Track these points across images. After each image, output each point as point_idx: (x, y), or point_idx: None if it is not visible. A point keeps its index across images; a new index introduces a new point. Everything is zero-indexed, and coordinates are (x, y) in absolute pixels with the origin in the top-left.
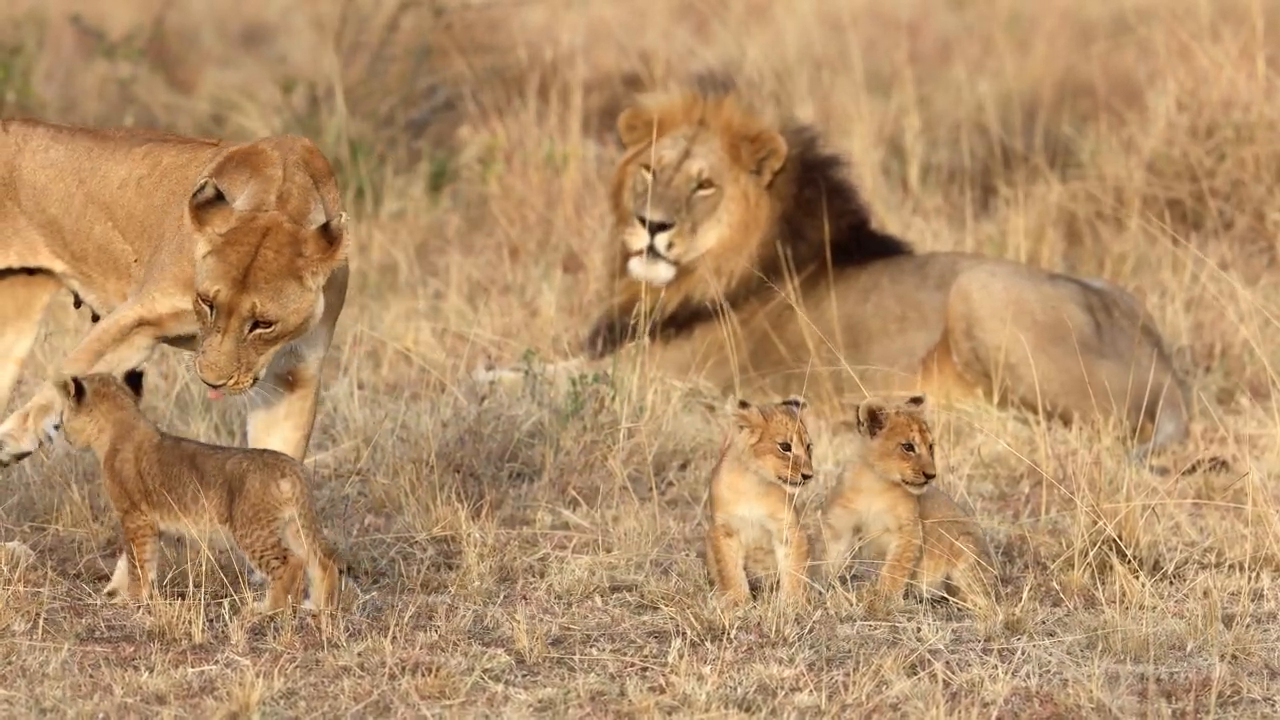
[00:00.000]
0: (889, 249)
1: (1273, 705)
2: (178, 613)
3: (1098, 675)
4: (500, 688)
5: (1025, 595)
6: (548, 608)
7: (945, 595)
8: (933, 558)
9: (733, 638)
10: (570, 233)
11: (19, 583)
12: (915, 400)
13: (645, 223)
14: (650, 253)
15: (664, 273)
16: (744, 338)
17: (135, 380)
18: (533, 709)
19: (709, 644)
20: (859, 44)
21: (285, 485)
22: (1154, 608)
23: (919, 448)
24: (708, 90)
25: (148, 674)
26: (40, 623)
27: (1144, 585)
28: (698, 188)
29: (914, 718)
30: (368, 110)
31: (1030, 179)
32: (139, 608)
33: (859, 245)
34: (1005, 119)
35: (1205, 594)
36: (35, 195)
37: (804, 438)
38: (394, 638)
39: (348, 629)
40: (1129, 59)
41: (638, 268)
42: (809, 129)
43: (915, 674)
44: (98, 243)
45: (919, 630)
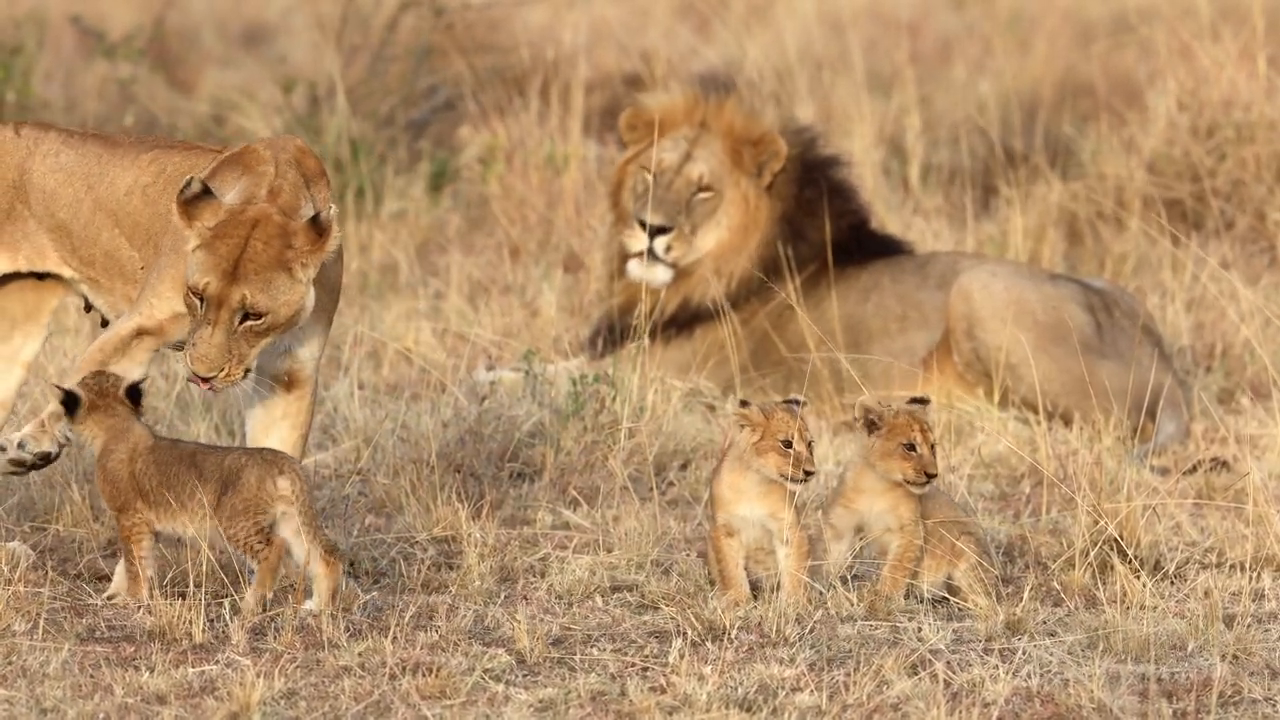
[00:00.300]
0: (890, 249)
1: (1274, 705)
2: (178, 613)
3: (1099, 675)
4: (501, 688)
5: (1026, 595)
6: (548, 608)
7: (946, 595)
8: (934, 558)
9: (733, 638)
10: (571, 233)
11: (19, 583)
12: (919, 400)
13: (644, 225)
14: (649, 255)
15: (662, 275)
16: (744, 337)
17: (134, 392)
18: (533, 709)
19: (710, 644)
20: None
21: (283, 483)
22: (1155, 608)
23: (920, 447)
24: (709, 91)
25: (148, 674)
26: (41, 623)
27: (1145, 585)
28: (697, 191)
29: (915, 718)
30: (368, 110)
31: (1031, 179)
32: (139, 608)
33: (859, 245)
34: (1006, 119)
35: (1206, 594)
36: (45, 200)
37: (805, 435)
38: (394, 638)
39: (348, 629)
40: (1130, 59)
41: (636, 269)
42: (809, 129)
43: (916, 674)
44: (105, 249)
45: (920, 630)
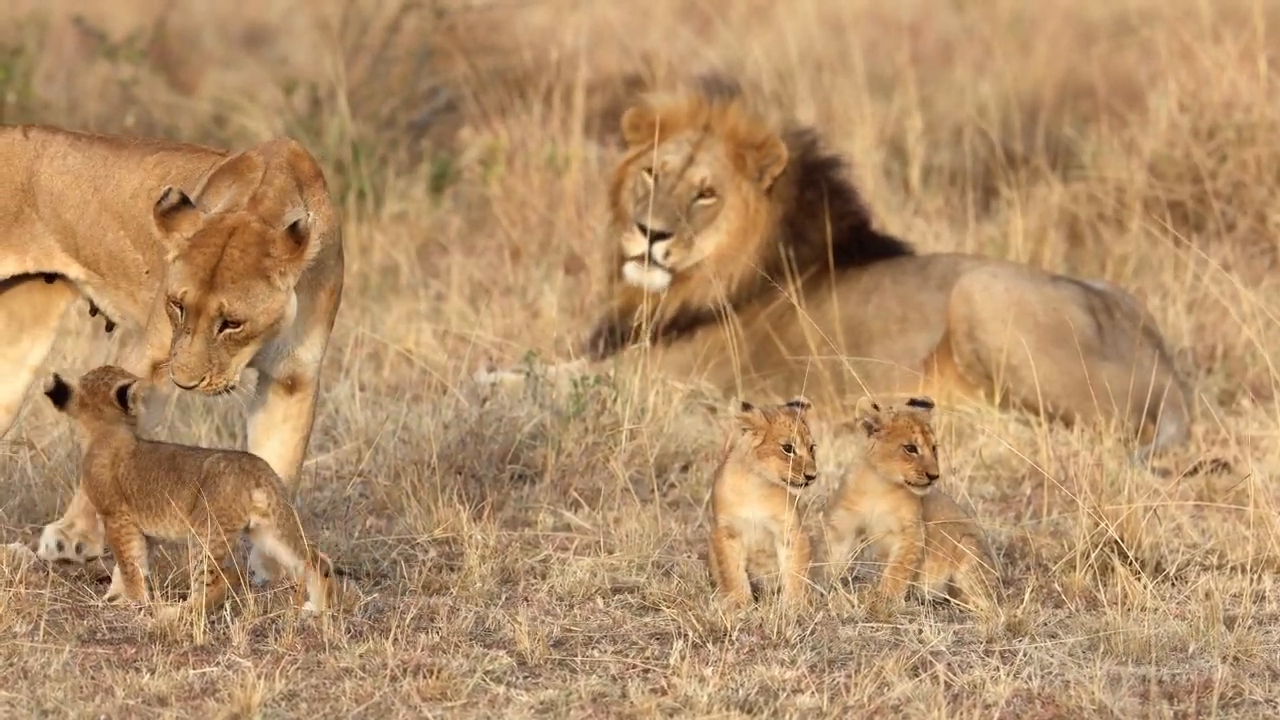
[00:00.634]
0: (890, 250)
1: (1274, 707)
2: (179, 614)
3: (1099, 677)
4: (502, 689)
5: (1027, 597)
6: (549, 609)
7: (947, 597)
8: (936, 559)
9: (734, 639)
10: (572, 234)
11: (21, 584)
12: (922, 403)
13: (644, 230)
14: (647, 260)
15: (660, 280)
16: (745, 339)
17: (122, 394)
18: (534, 711)
19: (711, 646)
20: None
21: (259, 495)
22: (1156, 609)
23: (921, 449)
24: (713, 94)
25: (149, 676)
26: (42, 624)
27: (1146, 587)
28: (699, 196)
29: (915, 719)
30: (369, 112)
31: (1032, 180)
32: (140, 609)
33: (860, 246)
34: (1007, 120)
35: (1207, 596)
36: (52, 202)
37: (807, 439)
38: (395, 639)
39: (349, 631)
40: (1130, 60)
41: (634, 273)
42: (810, 131)
43: (917, 676)
44: (110, 251)
45: (921, 632)
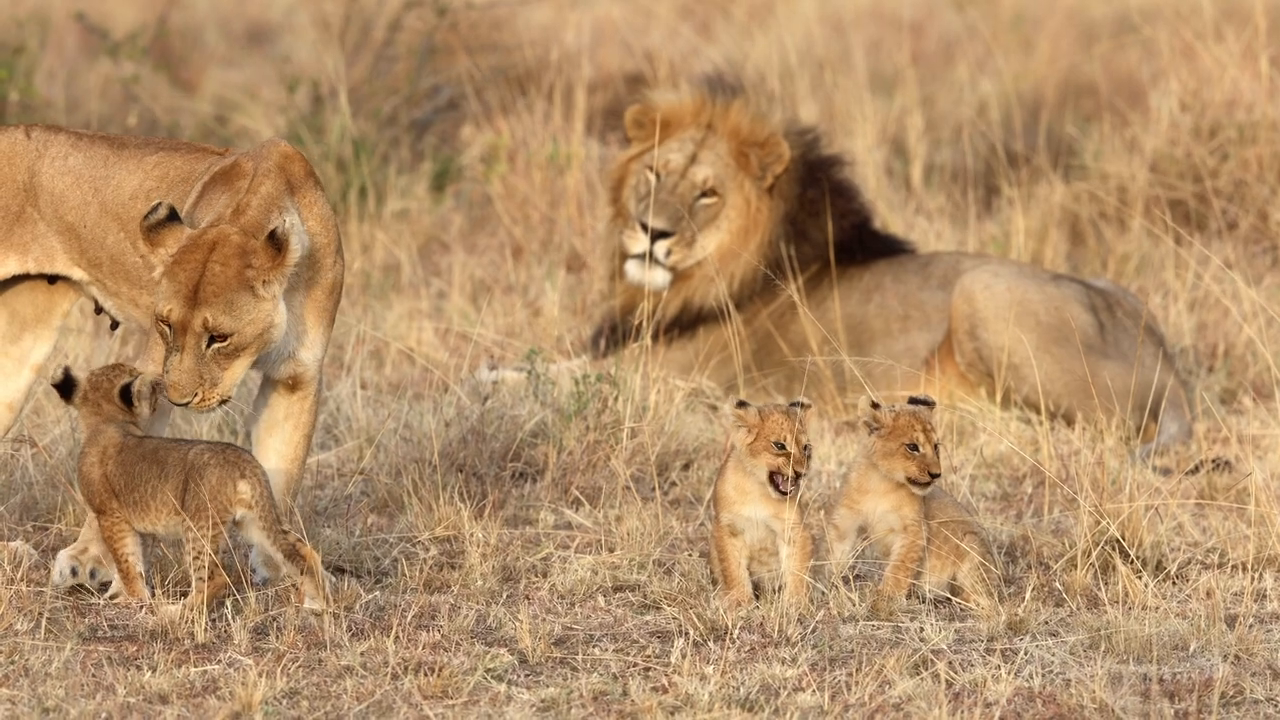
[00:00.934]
0: (892, 249)
1: (1276, 706)
2: (180, 612)
3: (1101, 675)
4: (503, 687)
5: (1028, 595)
6: (550, 607)
7: (948, 595)
8: (939, 558)
9: (735, 638)
10: (573, 232)
11: (22, 582)
12: (924, 402)
13: (646, 228)
14: (649, 259)
15: (660, 279)
16: (747, 338)
17: (125, 393)
18: (535, 709)
19: (712, 644)
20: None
21: (244, 486)
22: (1157, 608)
23: (923, 447)
24: (717, 93)
25: (150, 673)
26: (43, 622)
27: (1147, 585)
28: (701, 195)
29: (917, 718)
30: (371, 109)
31: (1033, 179)
32: (141, 607)
33: (862, 245)
34: (1008, 119)
35: (1208, 594)
36: (54, 202)
37: (800, 438)
38: (397, 637)
39: (350, 629)
40: (1132, 59)
41: (635, 271)
42: (812, 129)
43: (918, 674)
44: (111, 252)
45: (922, 630)
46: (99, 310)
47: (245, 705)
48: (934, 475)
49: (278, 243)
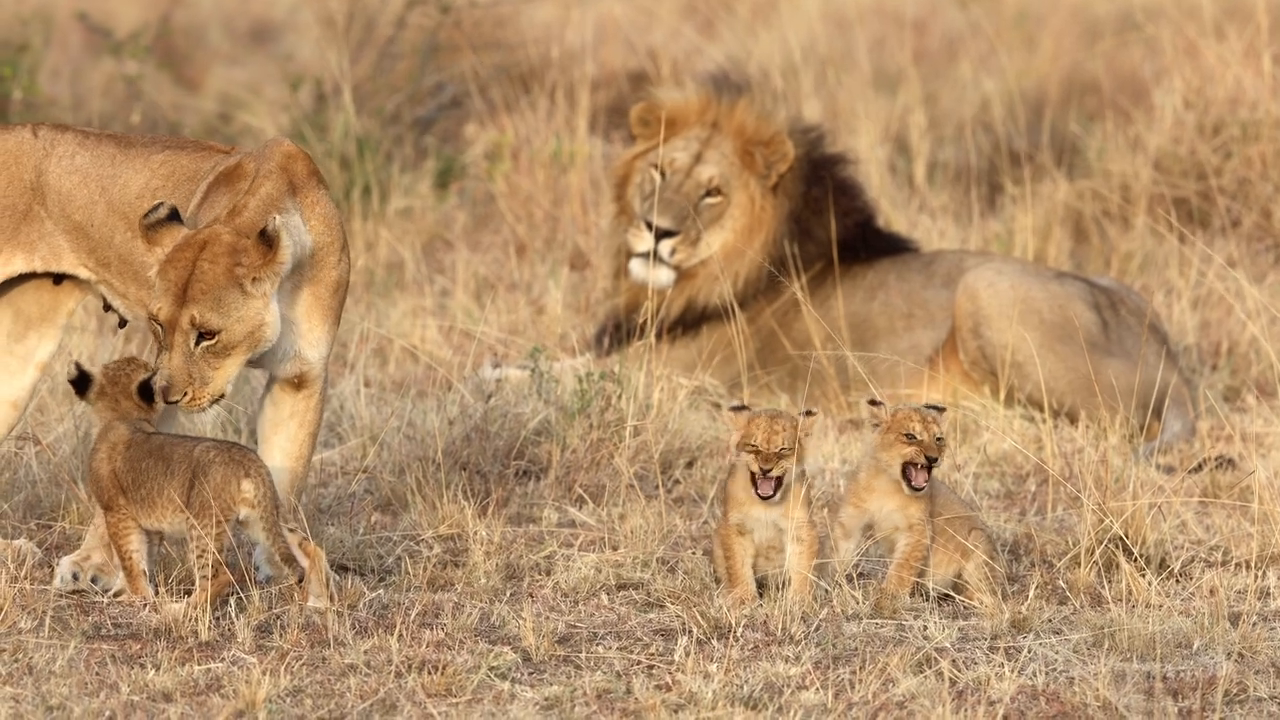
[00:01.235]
0: (895, 247)
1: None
2: (184, 611)
3: (1104, 673)
4: (507, 685)
5: (1032, 593)
6: (554, 605)
7: (952, 593)
8: (944, 553)
9: (739, 636)
10: (577, 230)
11: (26, 580)
12: (935, 408)
13: (650, 227)
14: (653, 257)
15: (665, 277)
16: (750, 336)
17: (145, 389)
18: (539, 707)
19: (715, 642)
20: (865, 42)
21: (247, 485)
22: (1160, 606)
23: (920, 435)
24: (722, 91)
25: (154, 672)
26: (47, 620)
27: (1150, 583)
28: (706, 194)
29: (920, 716)
30: (375, 107)
31: (1037, 177)
32: (145, 605)
33: (866, 243)
34: (1012, 117)
35: (1211, 592)
36: (61, 201)
37: (773, 441)
38: (400, 635)
39: (354, 627)
40: (1136, 57)
41: (639, 270)
42: (816, 128)
43: (922, 672)
44: (119, 251)
45: (925, 628)
46: (108, 307)
47: (249, 703)
48: (930, 459)
49: (268, 240)
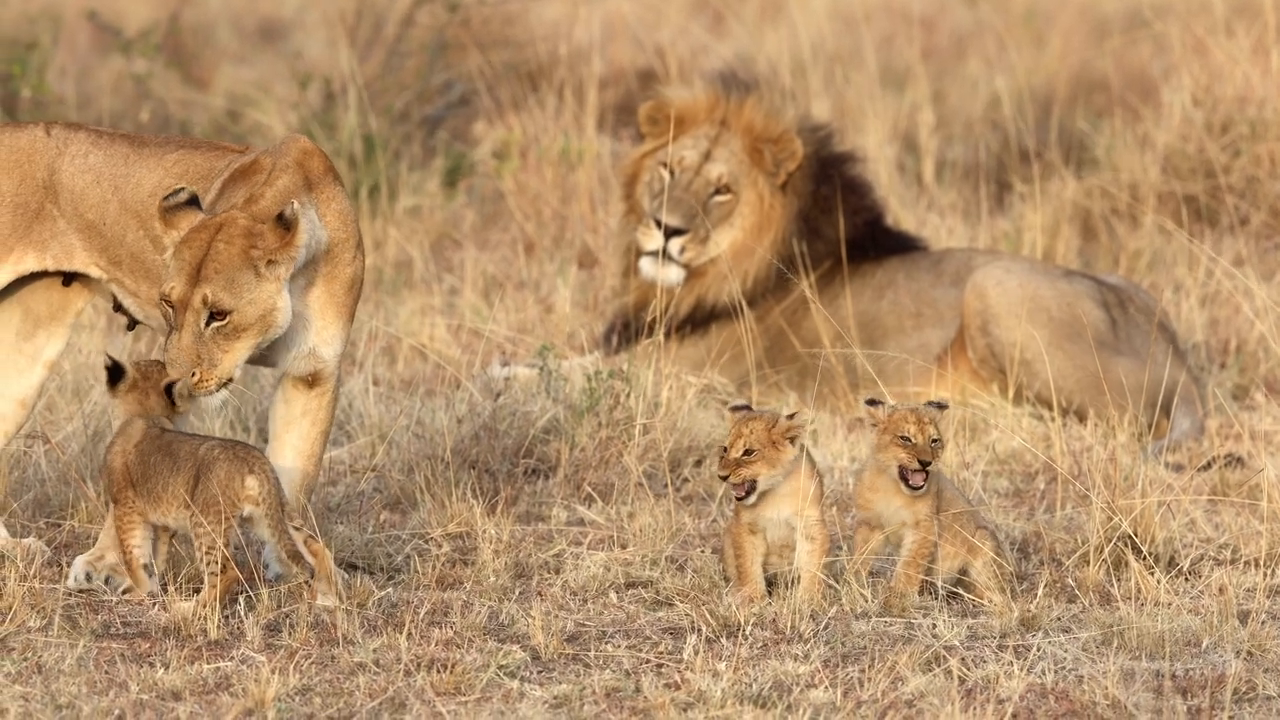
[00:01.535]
0: (904, 245)
1: None
2: (193, 609)
3: (1113, 671)
4: (515, 684)
5: (1040, 591)
6: (563, 604)
7: (960, 591)
8: (949, 545)
9: (748, 634)
10: (585, 228)
11: (35, 579)
12: (936, 404)
13: (660, 225)
14: (663, 256)
15: (674, 275)
16: (759, 334)
17: (169, 389)
18: (548, 705)
19: (724, 640)
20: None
21: (251, 481)
22: (1169, 604)
23: (915, 438)
24: (731, 89)
25: (163, 670)
26: (56, 619)
27: (1159, 581)
28: (715, 193)
29: (929, 714)
30: (383, 106)
31: (1045, 175)
32: (154, 604)
33: (874, 242)
34: (1020, 115)
35: (1221, 590)
36: (73, 200)
37: (738, 443)
38: (409, 634)
39: (363, 625)
40: (1144, 55)
41: (649, 268)
42: (825, 126)
43: (930, 670)
44: (131, 250)
45: (934, 626)
46: (117, 308)
47: (258, 702)
48: (924, 463)
49: (286, 224)
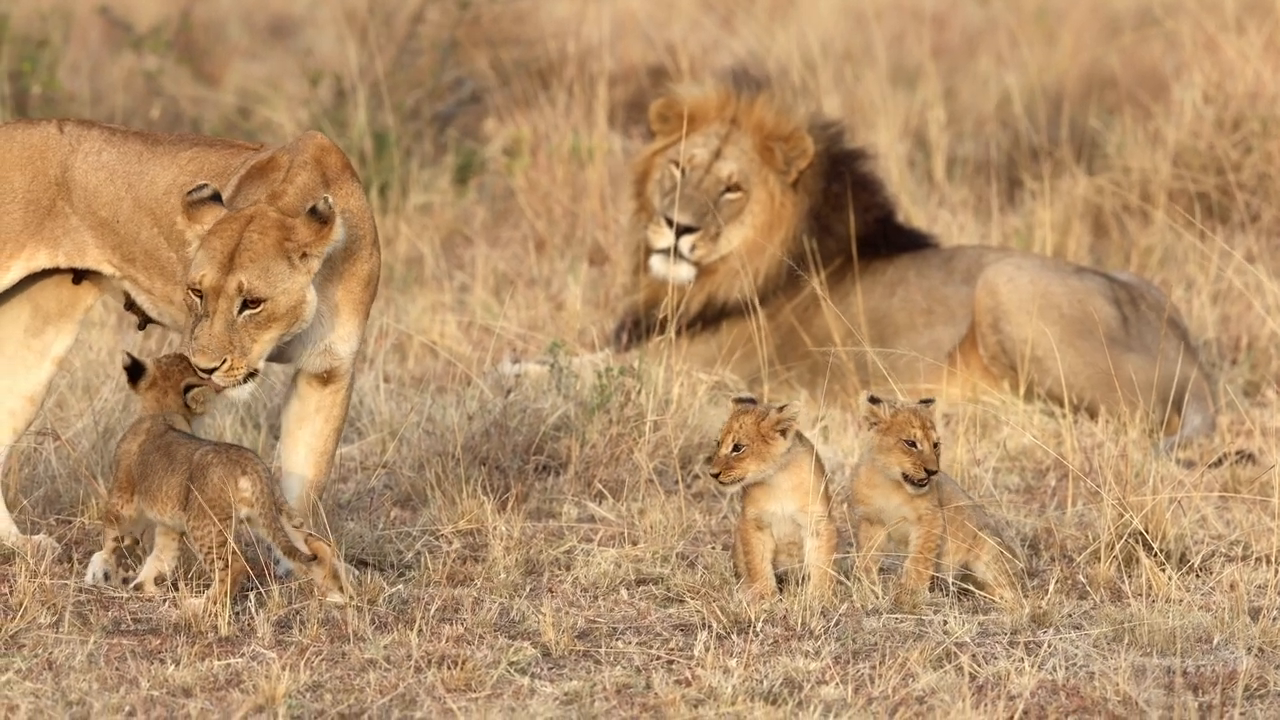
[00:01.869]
0: (915, 242)
1: None
2: (204, 605)
3: (1124, 668)
4: (526, 680)
5: (1052, 588)
6: (574, 600)
7: (971, 588)
8: (954, 540)
9: (759, 631)
10: (596, 226)
11: (45, 575)
12: (924, 401)
13: (671, 223)
14: (674, 253)
15: (685, 273)
16: (770, 331)
17: (186, 389)
18: (559, 702)
19: (735, 637)
20: (884, 37)
21: (244, 483)
22: (1180, 600)
23: (921, 444)
24: (741, 87)
25: (174, 667)
26: (66, 616)
27: (1170, 578)
28: (726, 191)
29: (940, 711)
30: (394, 103)
31: (1056, 172)
32: (165, 600)
33: (885, 239)
34: (1031, 112)
35: (1232, 587)
36: (86, 197)
37: (729, 438)
38: (420, 630)
39: (373, 622)
40: (1155, 51)
41: (660, 266)
42: (836, 123)
43: (941, 667)
44: (145, 248)
45: (945, 623)
46: (129, 306)
47: (269, 698)
48: (930, 472)
49: (320, 218)
